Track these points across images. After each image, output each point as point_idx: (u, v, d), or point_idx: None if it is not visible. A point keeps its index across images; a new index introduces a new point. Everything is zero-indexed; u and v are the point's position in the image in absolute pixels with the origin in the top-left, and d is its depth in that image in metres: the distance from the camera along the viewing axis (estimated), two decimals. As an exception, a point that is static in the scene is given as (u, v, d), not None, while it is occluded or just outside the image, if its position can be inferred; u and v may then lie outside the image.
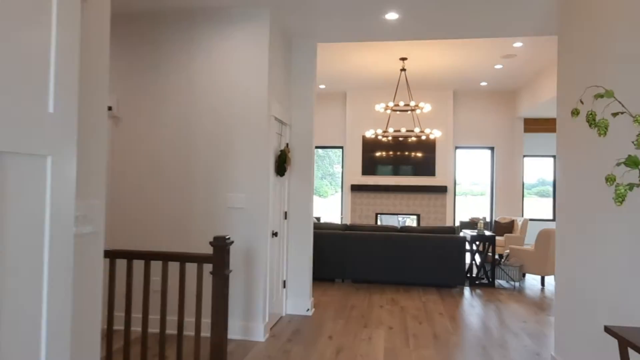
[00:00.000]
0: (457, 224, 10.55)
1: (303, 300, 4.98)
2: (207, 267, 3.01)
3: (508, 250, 7.12)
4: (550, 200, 12.86)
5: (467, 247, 6.87)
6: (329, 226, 6.92)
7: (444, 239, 6.47)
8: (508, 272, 6.75)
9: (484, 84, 9.69)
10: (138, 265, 3.68)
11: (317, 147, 11.28)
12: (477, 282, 6.74)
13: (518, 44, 7.00)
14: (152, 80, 4.26)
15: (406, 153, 10.47)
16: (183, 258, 2.92)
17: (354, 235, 6.66)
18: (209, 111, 4.15)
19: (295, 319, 4.84)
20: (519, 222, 9.40)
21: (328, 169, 18.53)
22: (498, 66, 8.23)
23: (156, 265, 3.28)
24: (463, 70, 8.58)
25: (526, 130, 10.56)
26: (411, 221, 13.05)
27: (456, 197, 10.77)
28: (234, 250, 4.07)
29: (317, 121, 11.46)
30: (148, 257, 2.87)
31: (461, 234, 7.37)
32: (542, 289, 6.68)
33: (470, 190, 12.93)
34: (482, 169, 11.68)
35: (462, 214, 11.33)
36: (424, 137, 8.08)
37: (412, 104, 7.35)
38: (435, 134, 7.58)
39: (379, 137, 8.24)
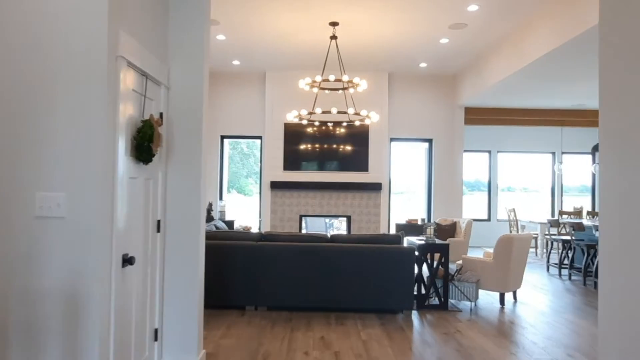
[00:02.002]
0: (393, 227, 9.24)
1: (188, 356, 3.23)
2: None
3: (460, 262, 5.82)
4: (470, 198, 12.00)
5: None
6: (239, 236, 5.20)
7: (387, 251, 4.99)
8: (463, 290, 5.42)
9: (423, 65, 8.42)
10: None
11: (230, 137, 9.51)
12: (426, 303, 5.35)
13: (473, 7, 5.70)
14: None
15: (335, 145, 9.00)
16: None
17: (270, 247, 5.00)
18: None
19: (174, 388, 3.10)
20: (462, 224, 8.24)
21: (253, 167, 16.71)
22: (444, 40, 6.94)
23: None
24: (402, 45, 7.21)
25: (466, 122, 9.48)
26: (340, 223, 11.63)
27: (391, 195, 9.46)
28: (44, 297, 2.26)
29: (230, 106, 9.71)
30: None
31: (405, 242, 5.97)
32: (502, 309, 5.43)
33: (404, 188, 11.76)
34: (416, 164, 10.51)
35: (397, 216, 10.06)
36: (357, 124, 6.60)
37: (346, 78, 5.83)
38: (373, 117, 6.12)
39: (304, 122, 6.64)
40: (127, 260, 2.56)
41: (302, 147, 8.99)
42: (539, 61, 6.15)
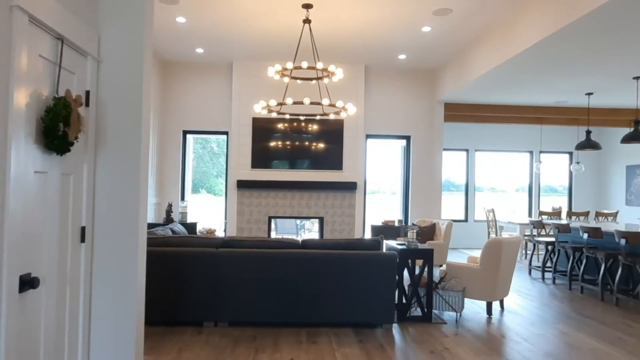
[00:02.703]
0: (368, 228, 8.72)
1: (122, 396, 2.59)
2: None
3: (444, 268, 5.32)
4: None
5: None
6: (197, 242, 4.56)
7: (366, 258, 4.44)
8: (448, 300, 4.92)
9: (402, 57, 7.93)
10: None
11: (194, 133, 8.82)
12: (407, 314, 4.82)
13: (460, -10, 5.21)
14: None
15: (307, 143, 8.42)
16: None
17: (233, 255, 4.38)
18: None
19: None
20: (442, 225, 7.79)
21: (224, 167, 15.94)
22: (426, 28, 6.45)
23: None
24: (381, 32, 6.69)
25: (444, 118, 9.04)
26: (312, 224, 11.07)
27: (366, 196, 8.94)
28: None
29: (194, 99, 8.96)
30: None
31: (384, 247, 5.43)
32: (490, 320, 4.96)
33: (379, 188, 11.27)
34: (393, 162, 10.04)
35: (372, 217, 9.57)
36: (332, 117, 6.04)
37: (320, 66, 5.25)
38: (349, 109, 5.56)
39: (273, 115, 6.04)
40: (28, 283, 1.91)
41: (272, 143, 8.38)
42: (527, 52, 5.72)
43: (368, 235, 8.75)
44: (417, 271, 4.94)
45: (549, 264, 7.42)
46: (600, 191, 11.67)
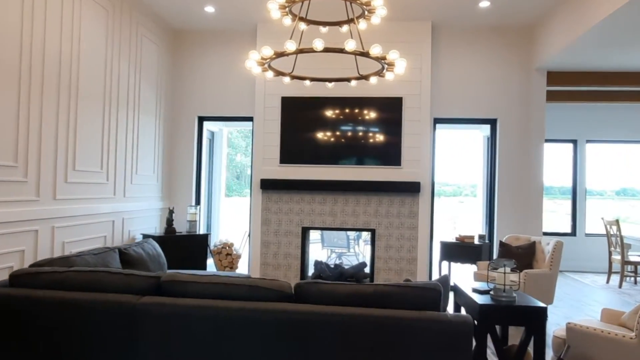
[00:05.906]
0: (437, 246, 6.43)
1: None
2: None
3: (563, 334, 2.99)
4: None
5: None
6: (110, 282, 2.61)
7: (417, 326, 2.28)
8: (576, 403, 2.61)
9: (485, 4, 5.59)
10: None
11: (211, 119, 7.06)
12: None
13: None
14: None
15: (352, 131, 6.32)
16: None
17: (166, 310, 2.41)
18: None
19: None
20: (546, 246, 5.34)
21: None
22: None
23: None
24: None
25: (547, 97, 6.51)
26: (367, 235, 8.92)
27: (434, 200, 6.65)
28: None
29: (209, 77, 6.94)
30: None
31: (451, 296, 3.20)
32: None
33: (452, 190, 8.86)
34: (471, 156, 7.67)
35: (441, 229, 7.26)
36: (374, 81, 3.91)
37: (344, -10, 3.15)
38: (397, 65, 3.36)
39: (286, 81, 4.04)
40: None
41: (307, 132, 6.37)
42: None
43: (436, 255, 6.47)
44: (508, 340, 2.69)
45: None
46: None
